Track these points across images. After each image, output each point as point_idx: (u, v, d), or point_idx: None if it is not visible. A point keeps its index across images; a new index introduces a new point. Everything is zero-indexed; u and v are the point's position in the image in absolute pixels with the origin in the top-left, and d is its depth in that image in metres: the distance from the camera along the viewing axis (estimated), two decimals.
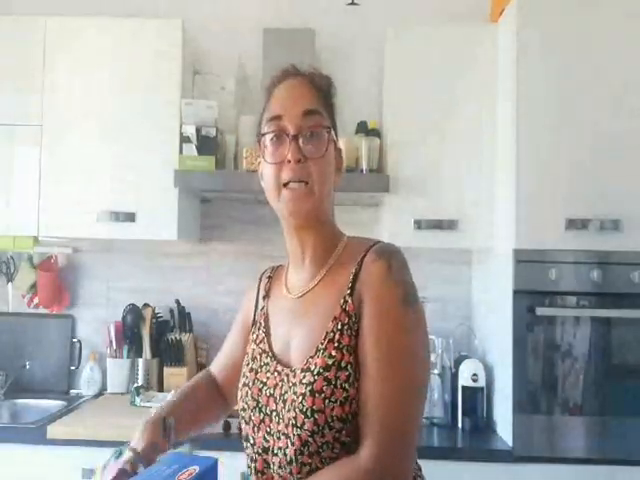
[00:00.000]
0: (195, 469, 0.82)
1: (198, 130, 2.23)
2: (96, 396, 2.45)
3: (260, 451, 0.94)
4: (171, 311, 2.56)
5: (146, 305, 2.53)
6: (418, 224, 2.18)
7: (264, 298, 1.08)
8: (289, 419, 0.88)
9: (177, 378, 2.38)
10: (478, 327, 2.42)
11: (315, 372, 0.87)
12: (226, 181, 2.25)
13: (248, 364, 1.01)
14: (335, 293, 0.92)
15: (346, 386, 0.85)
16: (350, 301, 0.90)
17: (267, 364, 0.98)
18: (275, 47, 2.39)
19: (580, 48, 1.98)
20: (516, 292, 1.96)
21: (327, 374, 0.86)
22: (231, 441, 1.90)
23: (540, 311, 1.93)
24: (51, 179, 2.30)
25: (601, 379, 1.94)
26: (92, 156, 2.29)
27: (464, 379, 2.16)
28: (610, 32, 1.98)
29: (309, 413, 0.85)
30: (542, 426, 1.94)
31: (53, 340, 2.58)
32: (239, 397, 1.00)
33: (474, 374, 2.15)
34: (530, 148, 1.98)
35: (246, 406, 0.97)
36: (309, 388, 0.87)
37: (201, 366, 2.46)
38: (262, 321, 1.05)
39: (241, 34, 2.56)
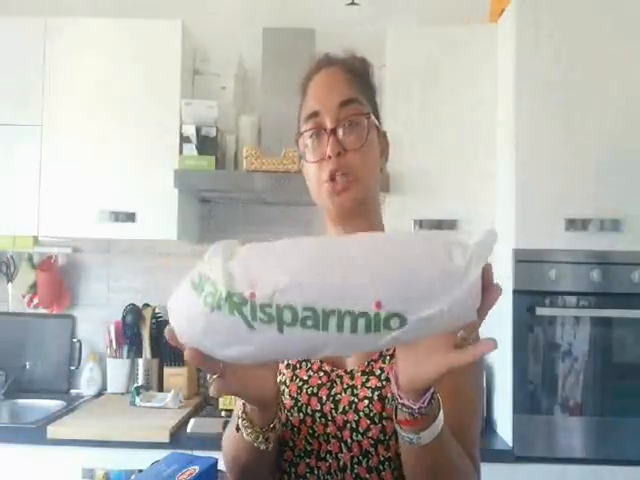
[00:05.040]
0: (195, 469, 0.82)
1: (198, 130, 2.23)
2: (96, 396, 2.45)
3: (302, 454, 0.86)
4: None
5: (146, 305, 2.53)
6: (418, 224, 2.18)
7: None
8: (346, 422, 0.84)
9: (177, 378, 2.38)
10: None
11: (382, 377, 0.84)
12: (226, 181, 2.25)
13: (283, 360, 0.92)
14: None
15: None
16: None
17: (306, 360, 0.91)
18: (275, 47, 2.38)
19: (580, 48, 1.98)
20: (516, 292, 1.96)
21: None
22: None
23: (540, 311, 1.93)
24: (51, 179, 2.30)
25: (601, 379, 1.94)
26: (92, 156, 2.29)
27: None
28: (610, 32, 1.98)
29: (377, 419, 0.81)
30: (542, 426, 1.94)
31: (53, 340, 2.58)
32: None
33: None
34: (530, 148, 1.98)
35: (282, 406, 0.85)
36: (377, 393, 0.82)
37: None
38: None
39: (241, 34, 2.56)
